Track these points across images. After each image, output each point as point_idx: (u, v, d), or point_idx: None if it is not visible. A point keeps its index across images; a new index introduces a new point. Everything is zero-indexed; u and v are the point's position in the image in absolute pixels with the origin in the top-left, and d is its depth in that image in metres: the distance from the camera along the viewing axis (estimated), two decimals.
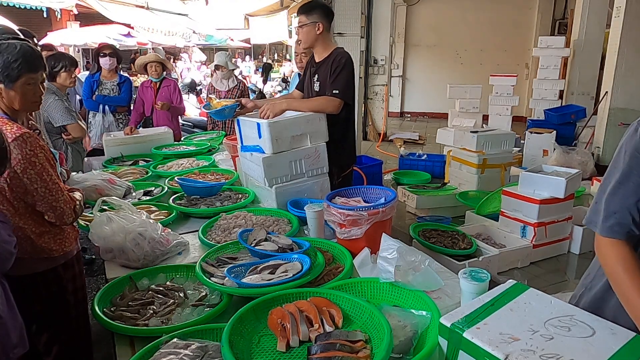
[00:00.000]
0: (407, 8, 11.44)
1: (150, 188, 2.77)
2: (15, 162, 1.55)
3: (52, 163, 1.70)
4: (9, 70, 1.66)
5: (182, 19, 13.47)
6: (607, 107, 6.18)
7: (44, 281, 1.73)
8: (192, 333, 1.32)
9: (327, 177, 2.50)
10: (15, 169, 1.56)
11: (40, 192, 1.63)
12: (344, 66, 2.62)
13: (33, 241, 1.68)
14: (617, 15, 5.94)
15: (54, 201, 1.66)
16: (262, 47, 20.79)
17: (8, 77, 1.66)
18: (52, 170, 1.68)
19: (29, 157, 1.58)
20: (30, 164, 1.59)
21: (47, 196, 1.64)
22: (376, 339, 1.24)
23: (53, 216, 1.68)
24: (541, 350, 1.01)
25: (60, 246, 1.76)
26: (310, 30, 2.67)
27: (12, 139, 1.56)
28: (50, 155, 1.70)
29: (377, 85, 8.93)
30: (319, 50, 2.76)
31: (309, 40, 2.72)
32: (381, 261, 1.50)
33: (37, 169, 1.61)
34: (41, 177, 1.62)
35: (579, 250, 3.99)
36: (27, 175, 1.59)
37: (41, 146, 1.63)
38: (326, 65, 2.69)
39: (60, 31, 10.18)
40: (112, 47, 4.60)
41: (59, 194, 1.68)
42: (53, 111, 3.29)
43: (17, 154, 1.56)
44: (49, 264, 1.74)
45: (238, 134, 2.64)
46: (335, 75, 2.62)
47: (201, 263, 1.70)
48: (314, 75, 2.77)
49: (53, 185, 1.66)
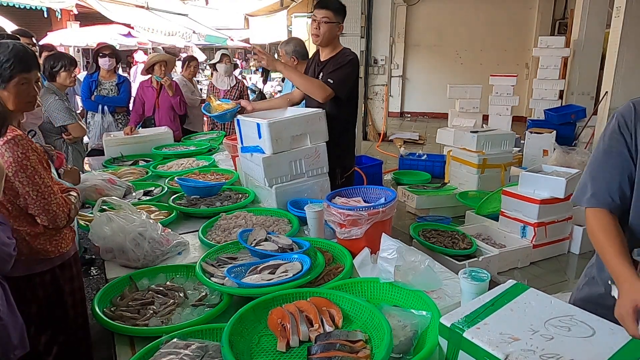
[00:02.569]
0: (407, 8, 11.44)
1: (150, 188, 2.77)
2: (7, 165, 1.54)
3: (45, 165, 1.67)
4: (1, 71, 1.64)
5: (182, 19, 13.46)
6: (607, 107, 6.17)
7: (40, 282, 1.72)
8: (192, 333, 1.32)
9: (327, 177, 2.50)
10: (6, 172, 1.54)
11: (32, 195, 1.60)
12: (347, 63, 2.63)
13: (29, 243, 1.66)
14: (617, 15, 5.93)
15: (47, 205, 1.63)
16: (262, 47, 20.80)
17: (0, 77, 1.64)
18: (45, 172, 1.65)
19: (21, 160, 1.56)
20: (21, 167, 1.56)
21: (39, 200, 1.61)
22: (376, 339, 1.24)
23: (45, 219, 1.65)
24: (541, 350, 1.01)
25: (57, 247, 1.74)
26: (333, 29, 2.67)
27: (4, 141, 1.53)
28: (43, 158, 1.67)
29: (377, 85, 8.93)
30: (328, 49, 2.76)
31: (328, 38, 2.69)
32: (381, 261, 1.50)
33: (29, 172, 1.58)
34: (33, 180, 1.59)
35: (579, 250, 3.99)
36: (18, 178, 1.57)
37: (33, 149, 1.61)
38: (331, 63, 2.69)
39: (60, 31, 10.17)
40: (111, 48, 4.59)
41: (51, 197, 1.64)
42: (53, 111, 3.29)
43: (9, 157, 1.54)
44: (45, 265, 1.73)
45: (238, 134, 2.64)
46: (335, 68, 2.62)
47: (201, 263, 1.70)
48: (319, 73, 2.76)
49: (45, 188, 1.63)
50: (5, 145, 1.54)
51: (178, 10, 13.76)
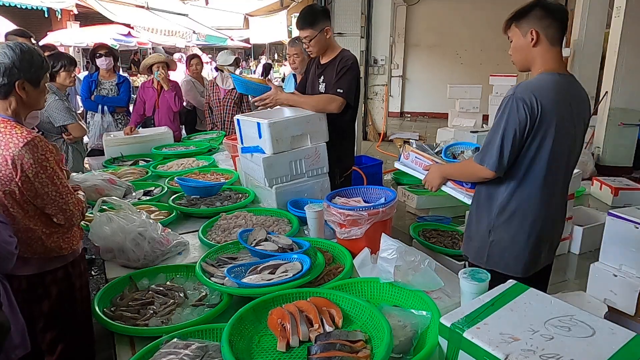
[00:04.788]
0: (407, 8, 11.43)
1: (150, 188, 2.77)
2: (27, 167, 1.56)
3: (61, 166, 1.71)
4: (40, 71, 1.68)
5: (182, 19, 13.47)
6: (607, 107, 6.17)
7: (53, 279, 1.74)
8: (192, 333, 1.32)
9: (327, 177, 2.50)
10: (27, 173, 1.57)
11: (52, 195, 1.63)
12: (349, 68, 2.63)
13: (43, 241, 1.68)
14: (617, 15, 5.94)
15: (64, 204, 1.67)
16: (262, 47, 20.77)
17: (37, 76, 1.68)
18: (61, 172, 1.69)
19: (41, 162, 1.59)
20: (42, 168, 1.59)
21: (57, 199, 1.64)
22: (376, 339, 1.24)
23: (62, 218, 1.68)
24: (541, 350, 1.01)
25: (69, 245, 1.77)
26: (321, 38, 2.65)
27: (24, 143, 1.56)
28: (59, 158, 1.71)
29: (377, 85, 8.92)
30: (327, 53, 2.75)
31: (321, 48, 2.70)
32: (381, 261, 1.50)
33: (49, 172, 1.61)
34: (52, 181, 1.62)
35: (579, 250, 3.98)
36: (38, 179, 1.59)
37: (51, 149, 1.64)
38: (332, 67, 2.69)
39: (60, 31, 10.19)
40: (107, 47, 4.58)
41: (68, 197, 1.68)
42: (54, 111, 3.29)
43: (29, 159, 1.56)
44: (59, 262, 1.75)
45: (238, 134, 2.64)
46: (340, 75, 2.62)
47: (201, 263, 1.70)
48: (319, 76, 2.76)
49: (63, 188, 1.66)
50: (25, 147, 1.56)
51: (178, 10, 13.77)
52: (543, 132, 1.64)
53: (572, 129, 1.72)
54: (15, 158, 1.55)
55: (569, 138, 1.72)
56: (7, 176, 1.57)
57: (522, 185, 1.71)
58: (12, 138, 1.56)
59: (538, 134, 1.64)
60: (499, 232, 1.77)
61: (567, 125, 1.69)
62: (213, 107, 4.71)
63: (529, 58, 1.74)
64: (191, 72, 5.19)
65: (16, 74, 1.61)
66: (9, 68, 1.59)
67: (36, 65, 1.65)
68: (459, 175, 1.91)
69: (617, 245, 2.95)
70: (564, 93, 1.67)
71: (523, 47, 1.73)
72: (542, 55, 1.70)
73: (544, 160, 1.68)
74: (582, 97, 1.77)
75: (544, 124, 1.63)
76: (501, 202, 1.75)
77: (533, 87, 1.64)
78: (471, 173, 1.78)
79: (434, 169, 1.98)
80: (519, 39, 1.73)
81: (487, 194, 1.79)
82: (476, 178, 1.78)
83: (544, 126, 1.63)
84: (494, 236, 1.78)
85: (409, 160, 2.18)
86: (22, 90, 1.64)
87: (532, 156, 1.68)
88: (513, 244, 1.76)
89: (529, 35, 1.69)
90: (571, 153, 1.77)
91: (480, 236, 1.83)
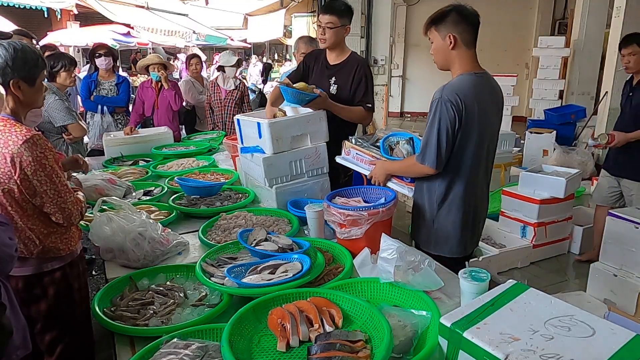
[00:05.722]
0: (407, 8, 11.43)
1: (150, 188, 2.77)
2: (26, 164, 1.56)
3: (60, 165, 1.70)
4: (35, 69, 1.67)
5: (182, 19, 13.47)
6: (607, 107, 6.16)
7: (51, 280, 1.74)
8: (192, 333, 1.32)
9: (327, 177, 2.50)
10: (25, 171, 1.56)
11: (50, 194, 1.63)
12: (370, 78, 2.68)
13: (41, 241, 1.68)
14: (617, 15, 5.93)
15: (63, 203, 1.66)
16: (262, 47, 20.76)
17: (32, 75, 1.67)
18: (61, 171, 1.68)
19: (40, 160, 1.58)
20: (40, 166, 1.59)
21: (55, 198, 1.64)
22: (376, 339, 1.24)
23: (61, 217, 1.68)
24: (541, 350, 1.01)
25: (67, 245, 1.77)
26: (340, 32, 2.67)
27: (23, 141, 1.56)
28: (57, 157, 1.70)
29: (377, 85, 8.89)
30: (336, 52, 2.74)
31: (336, 42, 2.69)
32: (381, 261, 1.50)
33: (47, 170, 1.61)
34: (51, 179, 1.62)
35: (579, 250, 3.99)
36: (37, 177, 1.59)
37: (50, 148, 1.64)
38: (346, 71, 2.68)
39: (60, 31, 10.19)
40: (106, 47, 4.57)
41: (67, 196, 1.68)
42: (54, 111, 3.29)
43: (28, 156, 1.56)
44: (57, 263, 1.75)
45: (238, 134, 2.64)
46: (364, 88, 2.66)
47: (201, 263, 1.70)
48: (330, 77, 2.74)
49: (62, 187, 1.66)
50: (24, 144, 1.56)
51: (178, 10, 13.78)
52: (469, 127, 1.84)
53: (493, 116, 1.97)
54: (14, 156, 1.55)
55: (489, 127, 1.96)
56: (6, 174, 1.57)
57: (455, 176, 1.92)
58: (11, 136, 1.56)
59: (465, 128, 1.84)
60: (441, 221, 1.99)
61: (488, 116, 1.92)
62: (214, 107, 4.71)
63: (448, 60, 1.91)
64: (191, 72, 5.19)
65: (10, 74, 1.61)
66: (2, 67, 1.59)
67: (30, 63, 1.65)
68: (403, 173, 2.09)
69: (617, 245, 2.95)
70: (480, 89, 1.88)
71: (443, 49, 1.89)
72: (459, 57, 1.88)
73: (470, 151, 1.89)
74: (495, 90, 1.98)
75: (469, 119, 1.83)
76: (439, 193, 1.96)
77: (456, 89, 1.83)
78: (414, 171, 1.98)
79: (380, 165, 2.14)
80: (439, 42, 1.89)
81: (427, 187, 1.99)
82: (420, 175, 1.98)
83: (469, 121, 1.83)
84: (437, 224, 2.00)
85: (350, 157, 2.32)
86: (17, 89, 1.63)
87: (461, 149, 1.87)
88: (455, 229, 1.98)
89: (447, 39, 1.85)
90: (490, 141, 2.00)
91: (425, 225, 2.04)
